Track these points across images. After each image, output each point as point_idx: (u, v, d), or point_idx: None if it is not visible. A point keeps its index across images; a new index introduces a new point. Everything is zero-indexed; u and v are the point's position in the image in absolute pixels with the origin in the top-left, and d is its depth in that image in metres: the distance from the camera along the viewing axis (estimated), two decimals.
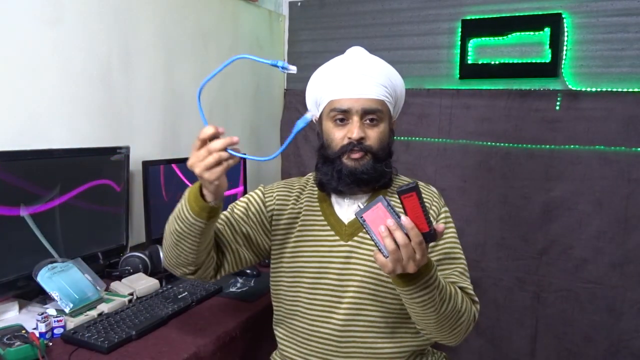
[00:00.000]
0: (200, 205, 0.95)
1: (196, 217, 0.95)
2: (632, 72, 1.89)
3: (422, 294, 0.91)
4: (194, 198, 0.96)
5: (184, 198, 0.98)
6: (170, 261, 1.07)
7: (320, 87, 1.14)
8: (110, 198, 1.56)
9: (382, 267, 0.88)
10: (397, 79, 1.16)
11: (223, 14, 2.15)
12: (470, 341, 2.17)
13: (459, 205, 2.16)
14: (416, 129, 2.26)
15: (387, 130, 1.12)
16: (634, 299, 1.90)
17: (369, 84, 1.09)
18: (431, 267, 0.92)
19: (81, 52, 1.53)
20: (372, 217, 0.86)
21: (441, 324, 0.97)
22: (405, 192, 0.83)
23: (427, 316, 0.95)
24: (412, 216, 0.84)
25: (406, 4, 2.27)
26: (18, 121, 1.38)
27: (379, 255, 0.87)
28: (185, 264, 1.05)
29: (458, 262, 1.10)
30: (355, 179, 1.08)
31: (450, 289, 0.98)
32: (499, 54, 2.10)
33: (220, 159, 0.89)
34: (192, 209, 0.96)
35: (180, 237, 0.99)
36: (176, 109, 1.92)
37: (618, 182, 1.91)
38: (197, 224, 0.96)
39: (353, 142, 1.07)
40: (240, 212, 1.16)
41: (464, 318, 1.00)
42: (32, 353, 1.01)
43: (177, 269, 1.07)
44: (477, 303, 1.07)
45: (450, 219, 1.16)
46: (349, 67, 1.11)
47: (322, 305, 1.10)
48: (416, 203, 0.83)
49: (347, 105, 1.08)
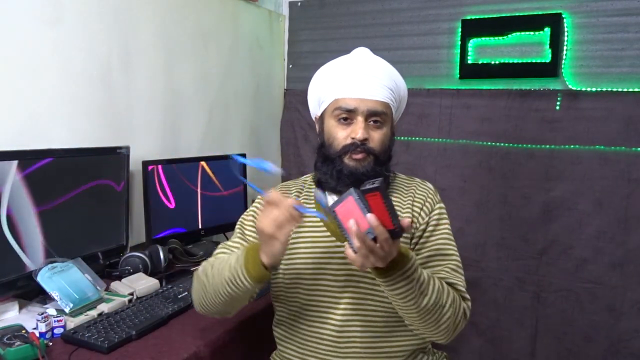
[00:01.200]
0: (262, 273, 0.95)
1: (254, 283, 0.96)
2: (632, 72, 1.89)
3: (400, 285, 0.92)
4: (254, 266, 0.95)
5: (240, 265, 0.97)
6: (210, 310, 1.08)
7: (325, 85, 1.13)
8: (110, 198, 1.56)
9: (352, 262, 0.89)
10: (401, 82, 1.16)
11: (223, 14, 2.15)
12: (470, 341, 2.17)
13: (459, 205, 2.16)
14: (416, 129, 2.26)
15: (390, 133, 1.13)
16: (634, 299, 1.90)
17: (376, 85, 1.08)
18: (409, 259, 0.92)
19: (81, 52, 1.53)
20: (343, 211, 0.86)
21: (424, 319, 0.97)
22: (369, 192, 0.83)
23: (409, 308, 0.96)
24: (377, 214, 0.84)
25: (406, 4, 2.27)
26: (18, 121, 1.38)
27: (349, 251, 0.87)
28: (228, 312, 1.10)
29: (450, 258, 1.10)
30: (355, 179, 1.07)
31: (434, 283, 0.97)
32: (499, 54, 2.10)
33: (291, 216, 0.90)
34: (251, 277, 0.95)
35: (232, 299, 1.01)
36: (176, 109, 1.92)
37: (618, 182, 1.91)
38: (254, 290, 0.99)
39: (356, 143, 1.07)
40: (252, 231, 1.15)
41: (449, 314, 0.99)
42: (32, 353, 1.01)
43: (217, 315, 1.11)
44: (468, 300, 1.07)
45: (445, 215, 1.15)
46: (356, 67, 1.11)
47: (320, 306, 1.10)
48: (380, 201, 0.83)
49: (353, 105, 1.07)
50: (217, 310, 1.07)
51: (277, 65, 2.58)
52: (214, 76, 2.12)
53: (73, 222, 1.43)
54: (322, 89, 1.14)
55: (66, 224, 1.41)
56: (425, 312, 0.96)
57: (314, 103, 1.19)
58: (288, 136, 2.59)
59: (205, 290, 1.05)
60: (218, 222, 1.95)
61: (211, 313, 1.09)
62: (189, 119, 1.99)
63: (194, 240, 1.91)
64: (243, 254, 0.98)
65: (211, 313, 1.09)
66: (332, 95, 1.11)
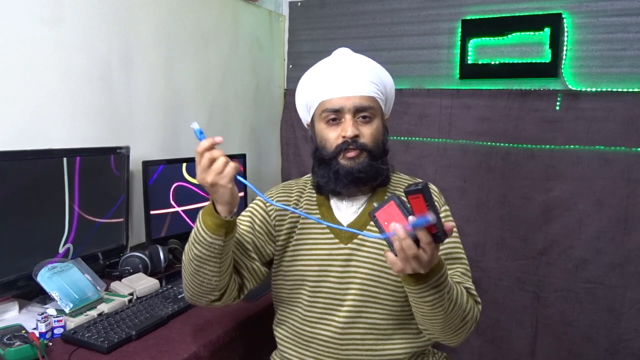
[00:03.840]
0: (217, 222, 0.93)
1: (214, 235, 0.94)
2: (632, 72, 1.89)
3: (431, 292, 0.91)
4: (209, 216, 0.94)
5: (198, 220, 0.97)
6: (193, 291, 1.03)
7: (309, 90, 1.14)
8: (111, 198, 1.56)
9: (391, 265, 0.87)
10: (386, 76, 1.16)
11: (223, 14, 2.15)
12: (470, 341, 2.17)
13: (459, 205, 2.16)
14: (416, 129, 2.26)
15: (381, 127, 1.12)
16: (634, 299, 1.90)
17: (359, 81, 1.08)
18: (442, 266, 0.91)
19: (81, 52, 1.53)
20: (383, 216, 0.85)
21: (447, 324, 0.97)
22: (413, 193, 0.81)
23: (435, 316, 0.95)
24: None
25: (406, 4, 2.27)
26: (18, 121, 1.38)
27: (389, 254, 0.86)
28: (210, 291, 1.02)
29: (460, 262, 1.10)
30: (353, 178, 1.07)
31: (457, 289, 0.97)
32: (499, 54, 2.10)
33: (226, 160, 0.89)
34: (208, 227, 0.94)
35: (200, 261, 0.97)
36: (176, 109, 1.92)
37: (618, 182, 1.91)
38: (216, 243, 0.95)
39: (348, 141, 1.07)
40: (247, 227, 1.14)
41: (468, 318, 1.00)
42: (32, 353, 1.01)
43: (202, 297, 1.04)
44: (480, 303, 1.07)
45: (451, 218, 1.15)
46: (336, 67, 1.11)
47: (322, 308, 1.10)
48: (422, 204, 0.81)
49: (339, 104, 1.07)
50: (198, 284, 1.01)
51: (277, 65, 2.58)
52: (214, 76, 2.12)
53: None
54: (307, 95, 1.15)
55: None
56: (450, 318, 0.95)
57: (303, 110, 1.19)
58: (288, 136, 2.60)
59: (184, 267, 1.03)
60: None
61: (196, 294, 1.04)
62: (189, 119, 1.99)
63: None
64: (200, 212, 0.98)
65: (196, 294, 1.04)
66: (317, 98, 1.11)
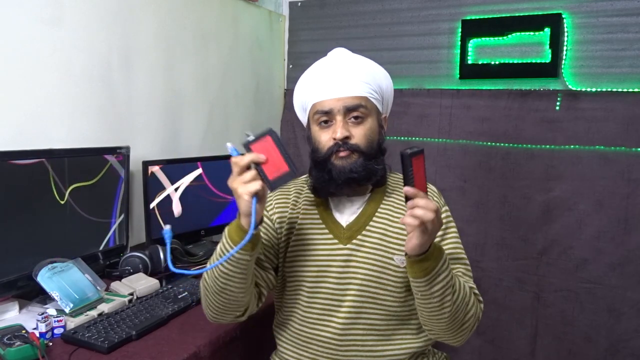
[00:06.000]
0: (240, 235, 0.93)
1: (241, 250, 0.93)
2: (632, 72, 1.89)
3: (441, 277, 0.94)
4: (236, 232, 0.94)
5: (224, 237, 0.97)
6: (218, 310, 1.03)
7: (304, 92, 1.14)
8: (111, 198, 1.56)
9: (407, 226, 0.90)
10: (381, 75, 1.14)
11: (223, 14, 2.15)
12: (470, 341, 2.17)
13: (459, 205, 2.16)
14: (416, 129, 2.26)
15: (375, 126, 1.10)
16: (634, 299, 1.90)
17: (350, 81, 1.08)
18: (442, 251, 0.96)
19: (81, 52, 1.53)
20: (259, 148, 0.92)
21: (454, 318, 0.98)
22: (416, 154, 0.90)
23: (443, 309, 0.96)
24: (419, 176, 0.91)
25: (406, 4, 2.27)
26: (18, 121, 1.38)
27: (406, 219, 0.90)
28: (236, 308, 1.03)
29: (461, 262, 1.10)
30: (345, 178, 1.06)
31: (458, 280, 0.99)
32: (499, 54, 2.10)
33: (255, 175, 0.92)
34: (232, 240, 0.94)
35: (226, 278, 0.97)
36: (176, 109, 1.92)
37: (618, 182, 1.91)
38: (243, 258, 0.95)
39: (338, 143, 1.06)
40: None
41: (472, 313, 1.01)
42: (32, 353, 1.01)
43: (227, 315, 1.04)
44: (482, 302, 1.07)
45: (451, 218, 1.15)
46: (328, 69, 1.11)
47: (321, 309, 1.09)
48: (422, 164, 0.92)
49: (329, 106, 1.07)
50: (224, 303, 1.01)
51: (277, 65, 2.58)
52: (214, 76, 2.12)
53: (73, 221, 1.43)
54: (302, 97, 1.15)
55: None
56: (456, 310, 0.97)
57: (301, 112, 1.19)
58: (288, 136, 2.59)
59: (206, 287, 1.02)
60: (218, 222, 1.95)
61: (221, 313, 1.04)
62: (189, 119, 1.99)
63: (194, 241, 1.90)
64: (224, 230, 0.98)
65: (221, 313, 1.04)
66: (310, 100, 1.11)
